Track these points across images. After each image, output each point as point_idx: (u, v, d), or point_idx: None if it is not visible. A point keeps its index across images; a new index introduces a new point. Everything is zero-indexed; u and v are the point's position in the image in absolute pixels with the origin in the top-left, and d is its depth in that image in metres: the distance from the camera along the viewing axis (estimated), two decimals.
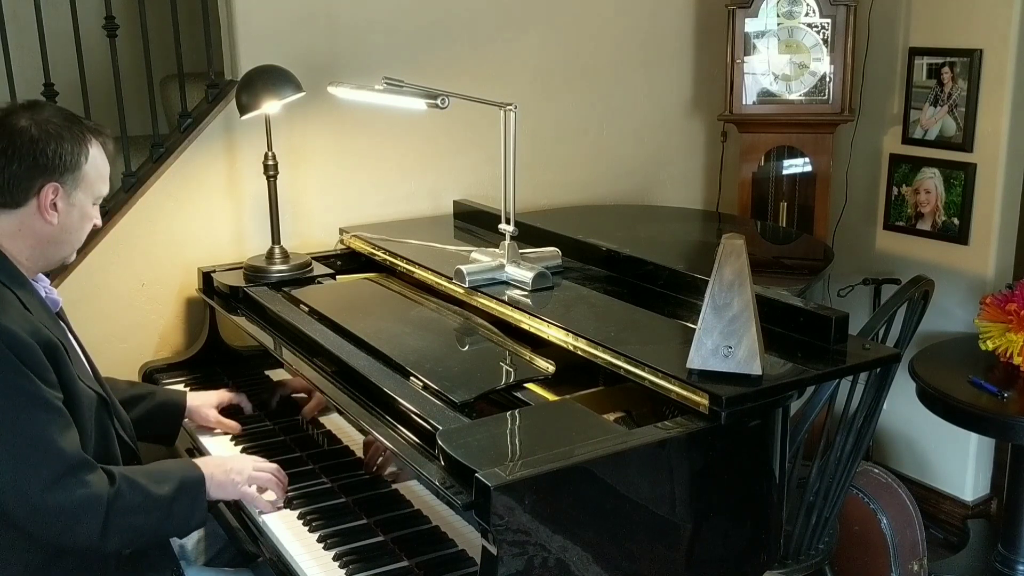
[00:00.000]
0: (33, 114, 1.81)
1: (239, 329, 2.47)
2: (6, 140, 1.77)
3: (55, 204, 1.80)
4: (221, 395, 2.35)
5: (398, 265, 2.58)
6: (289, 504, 1.94)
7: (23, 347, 1.69)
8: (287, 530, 1.87)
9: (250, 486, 1.91)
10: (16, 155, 1.77)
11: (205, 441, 2.28)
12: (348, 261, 2.80)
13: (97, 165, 1.86)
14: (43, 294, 1.88)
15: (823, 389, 2.18)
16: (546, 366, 1.95)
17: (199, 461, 1.91)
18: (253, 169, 2.68)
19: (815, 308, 1.93)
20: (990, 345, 2.85)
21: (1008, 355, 2.81)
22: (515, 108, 2.20)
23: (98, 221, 1.92)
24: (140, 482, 1.76)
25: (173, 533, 1.87)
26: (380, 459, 1.90)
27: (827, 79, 3.16)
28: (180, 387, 2.55)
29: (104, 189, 1.89)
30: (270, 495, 1.93)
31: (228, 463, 1.94)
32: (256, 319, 2.43)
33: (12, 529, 1.71)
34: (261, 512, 1.92)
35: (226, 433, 2.29)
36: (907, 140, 3.33)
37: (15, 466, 1.66)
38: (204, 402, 2.29)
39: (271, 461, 2.06)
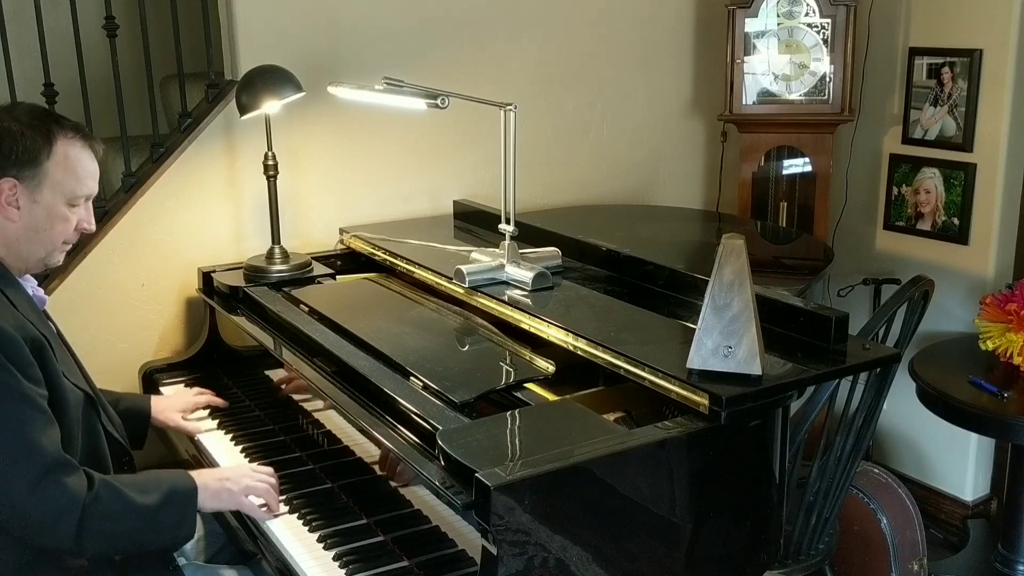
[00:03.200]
0: (8, 113, 1.79)
1: (239, 329, 2.47)
2: None
3: (16, 201, 1.77)
4: (186, 400, 2.34)
5: (398, 265, 2.58)
6: (289, 504, 1.94)
7: (8, 341, 1.68)
8: (287, 530, 1.87)
9: (246, 496, 1.88)
10: None
11: (205, 441, 2.28)
12: (348, 261, 2.80)
13: (68, 163, 1.81)
14: (30, 292, 1.88)
15: (823, 389, 2.18)
16: (546, 366, 1.95)
17: (195, 473, 1.89)
18: (253, 169, 2.68)
19: (815, 308, 1.93)
20: (990, 345, 2.84)
21: (1008, 355, 2.81)
22: (515, 108, 2.20)
23: (86, 224, 1.88)
24: (122, 489, 1.73)
25: (160, 543, 1.81)
26: (397, 468, 1.88)
27: (827, 79, 3.16)
28: (180, 387, 2.55)
29: (82, 190, 1.84)
30: (262, 501, 1.91)
31: (223, 472, 1.92)
32: (256, 319, 2.43)
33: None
34: (261, 520, 1.91)
35: (228, 435, 2.29)
36: (907, 140, 3.33)
37: None
38: (168, 406, 2.29)
39: (270, 461, 2.06)
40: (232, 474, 1.91)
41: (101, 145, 1.92)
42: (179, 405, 2.32)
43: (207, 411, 2.38)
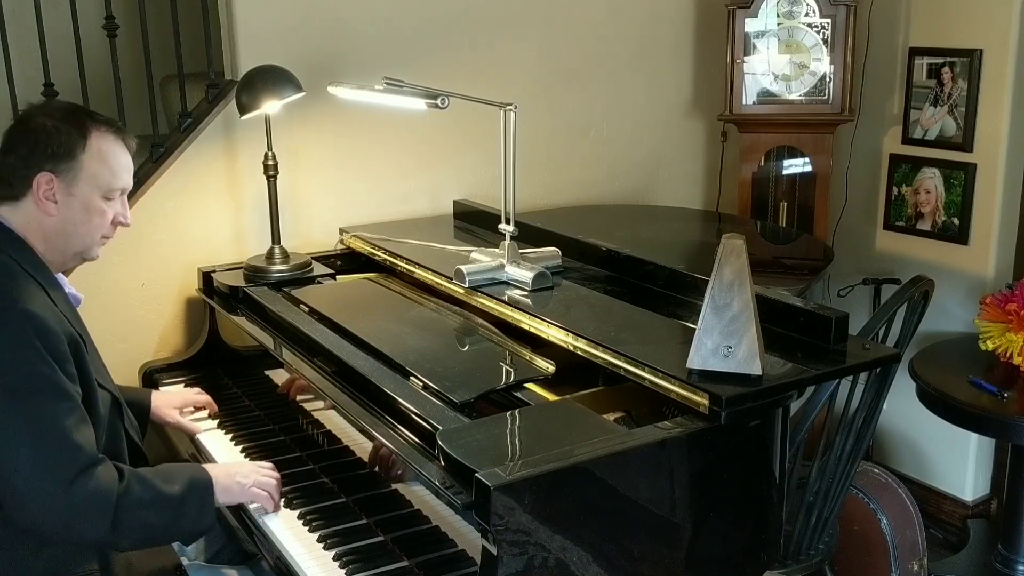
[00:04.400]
0: (40, 110, 1.84)
1: (239, 329, 2.47)
2: (8, 136, 1.82)
3: (53, 195, 1.80)
4: (185, 397, 2.36)
5: (398, 265, 2.58)
6: (289, 504, 1.94)
7: (50, 334, 1.69)
8: (287, 530, 1.87)
9: (256, 489, 1.90)
10: (13, 147, 1.79)
11: (205, 440, 2.28)
12: (348, 261, 2.80)
13: (102, 157, 1.83)
14: (67, 290, 1.89)
15: (823, 389, 2.18)
16: (546, 366, 1.95)
17: (207, 467, 1.90)
18: (253, 169, 2.68)
19: (815, 308, 1.93)
20: (990, 345, 2.85)
21: (1008, 355, 2.81)
22: (515, 108, 2.20)
23: (122, 218, 1.90)
24: (150, 479, 1.75)
25: (183, 534, 1.84)
26: (389, 463, 1.89)
27: (827, 79, 3.16)
28: (180, 387, 2.56)
29: (117, 183, 1.87)
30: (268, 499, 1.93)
31: (232, 467, 1.95)
32: (256, 319, 2.43)
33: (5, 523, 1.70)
34: (265, 512, 1.91)
35: (228, 435, 2.29)
36: (907, 140, 3.33)
37: (34, 458, 1.64)
38: (166, 402, 2.30)
39: (270, 461, 2.06)
40: (241, 468, 1.94)
41: (134, 140, 1.95)
42: (177, 401, 2.33)
43: (206, 411, 2.39)
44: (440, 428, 1.66)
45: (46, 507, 1.66)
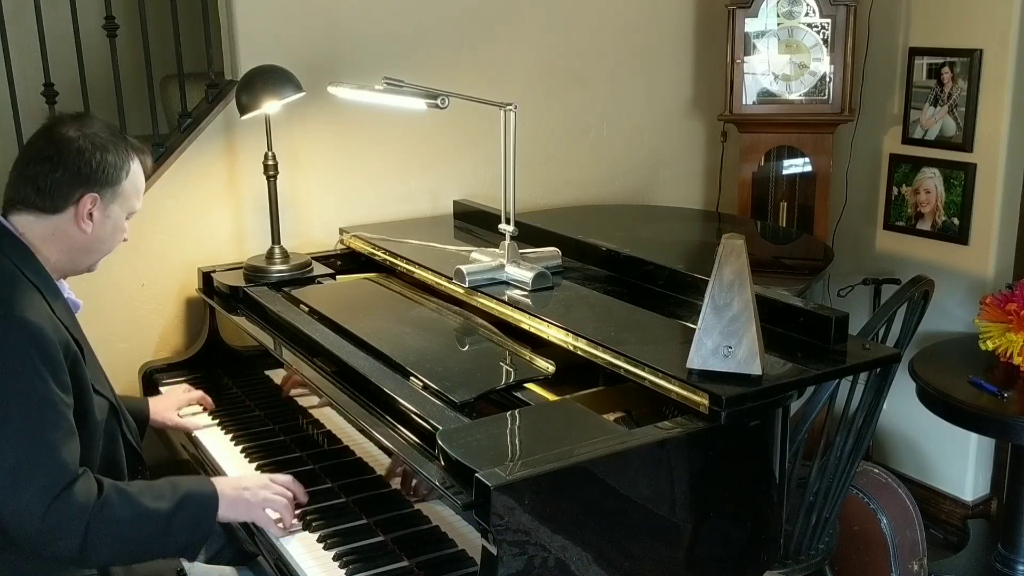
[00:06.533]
0: (81, 126, 1.85)
1: (239, 329, 2.47)
2: (53, 148, 1.81)
3: (91, 214, 1.83)
4: (179, 398, 2.36)
5: (398, 265, 2.58)
6: (308, 527, 1.87)
7: (46, 343, 1.69)
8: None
9: (263, 509, 1.84)
10: (61, 163, 1.80)
11: (204, 439, 2.28)
12: (348, 261, 2.80)
13: (136, 181, 1.90)
14: (66, 296, 1.89)
15: (823, 389, 2.18)
16: (546, 366, 1.95)
17: (214, 479, 1.86)
18: (253, 169, 2.68)
19: (815, 308, 1.93)
20: (990, 345, 2.84)
21: (1008, 355, 2.81)
22: (515, 108, 2.20)
23: (126, 235, 1.95)
24: (133, 495, 1.71)
25: (175, 549, 1.77)
26: (412, 482, 1.85)
27: (827, 79, 3.16)
28: (179, 387, 2.55)
29: (138, 205, 1.93)
30: (278, 516, 1.86)
31: (242, 481, 1.88)
32: (256, 319, 2.43)
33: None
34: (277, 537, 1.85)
35: (228, 435, 2.29)
36: (907, 140, 3.33)
37: (16, 472, 1.63)
38: (164, 406, 2.31)
39: (270, 461, 2.06)
40: (251, 484, 1.87)
41: (151, 159, 2.01)
42: (174, 404, 2.34)
43: (203, 409, 2.39)
44: (440, 428, 1.66)
45: (21, 523, 1.64)
